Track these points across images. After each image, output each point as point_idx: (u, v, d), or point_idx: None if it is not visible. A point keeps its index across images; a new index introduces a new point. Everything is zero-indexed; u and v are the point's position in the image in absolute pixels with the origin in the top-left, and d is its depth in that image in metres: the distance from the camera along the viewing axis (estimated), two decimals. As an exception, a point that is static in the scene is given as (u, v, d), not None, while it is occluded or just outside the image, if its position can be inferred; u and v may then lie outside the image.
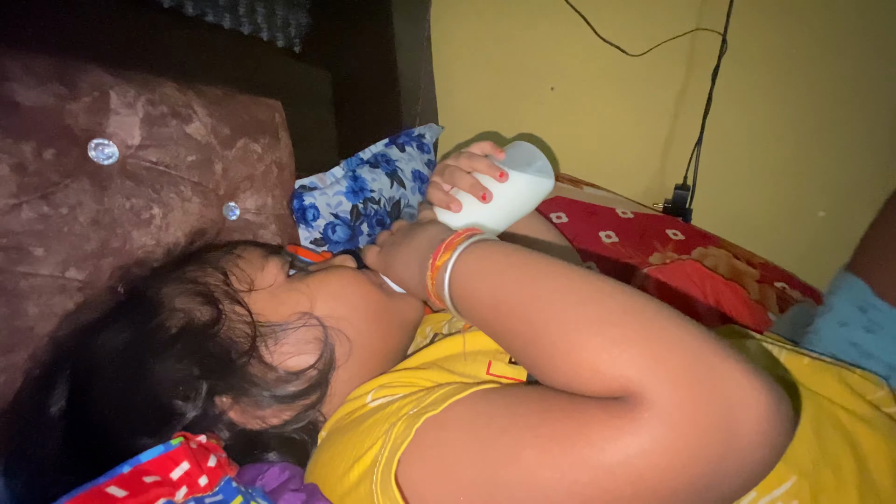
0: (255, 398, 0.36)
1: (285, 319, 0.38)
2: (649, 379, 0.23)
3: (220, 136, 0.54)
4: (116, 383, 0.34)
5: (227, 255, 0.42)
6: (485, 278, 0.32)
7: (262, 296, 0.39)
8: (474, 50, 1.06)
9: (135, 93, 0.47)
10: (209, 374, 0.35)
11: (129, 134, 0.46)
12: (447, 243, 0.35)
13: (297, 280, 0.42)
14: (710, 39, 0.93)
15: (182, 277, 0.39)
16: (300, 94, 0.85)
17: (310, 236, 0.72)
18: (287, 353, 0.37)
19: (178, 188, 0.49)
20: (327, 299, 0.40)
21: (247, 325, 0.37)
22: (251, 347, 0.36)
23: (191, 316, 0.37)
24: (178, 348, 0.35)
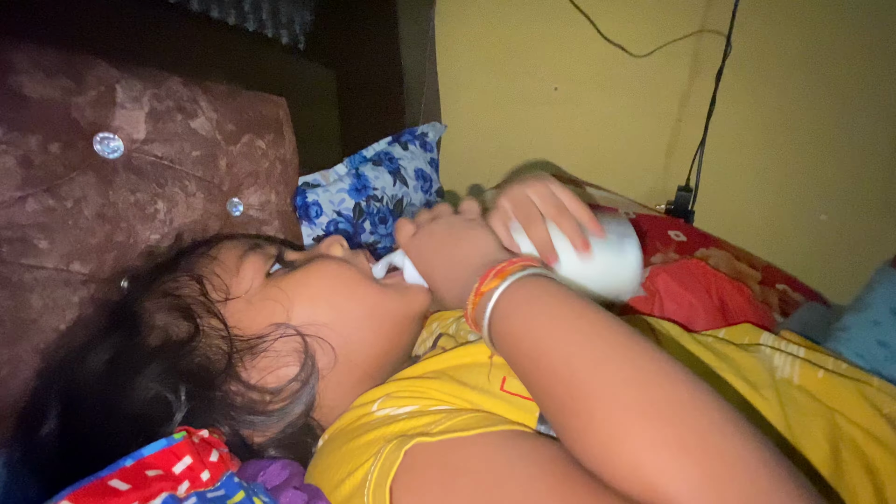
0: (234, 420, 0.34)
1: (262, 331, 0.36)
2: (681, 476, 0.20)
3: (224, 131, 0.54)
4: (98, 404, 0.33)
5: (202, 258, 0.40)
6: (531, 322, 0.28)
7: (238, 304, 0.37)
8: (478, 49, 1.06)
9: (141, 87, 0.47)
10: (186, 396, 0.33)
11: (135, 128, 0.46)
12: (498, 270, 0.31)
13: (275, 281, 0.39)
14: (715, 41, 0.93)
15: (160, 289, 0.38)
16: (304, 91, 0.85)
17: (312, 233, 0.72)
18: (266, 369, 0.35)
19: (183, 183, 0.49)
20: (306, 304, 0.37)
21: (223, 341, 0.35)
22: (227, 366, 0.34)
23: (168, 333, 0.36)
24: (152, 367, 0.33)
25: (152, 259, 0.44)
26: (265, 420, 0.35)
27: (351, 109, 0.94)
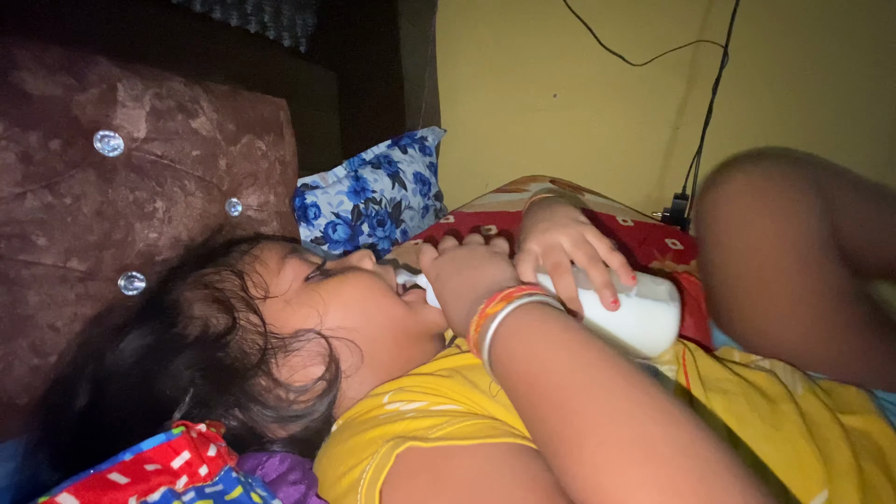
0: (260, 415, 0.35)
1: (295, 331, 0.38)
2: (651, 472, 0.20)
3: (225, 131, 0.54)
4: (130, 388, 0.34)
5: (245, 255, 0.41)
6: (531, 345, 0.28)
7: (276, 304, 0.39)
8: (478, 55, 1.07)
9: (142, 86, 0.47)
10: (217, 387, 0.34)
11: (136, 127, 0.47)
12: (505, 294, 0.31)
13: (312, 286, 0.40)
14: (712, 51, 0.94)
15: (201, 281, 0.39)
16: (305, 93, 0.85)
17: (310, 234, 0.72)
18: (295, 367, 0.37)
19: (182, 182, 0.49)
20: (339, 309, 0.39)
21: (259, 336, 0.37)
22: (260, 360, 0.36)
23: (207, 324, 0.37)
24: (190, 356, 0.35)
25: (189, 252, 0.45)
26: (289, 416, 0.36)
27: (351, 112, 0.94)
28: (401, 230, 0.85)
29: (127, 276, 0.46)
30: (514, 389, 0.28)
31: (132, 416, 0.33)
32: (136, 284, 0.46)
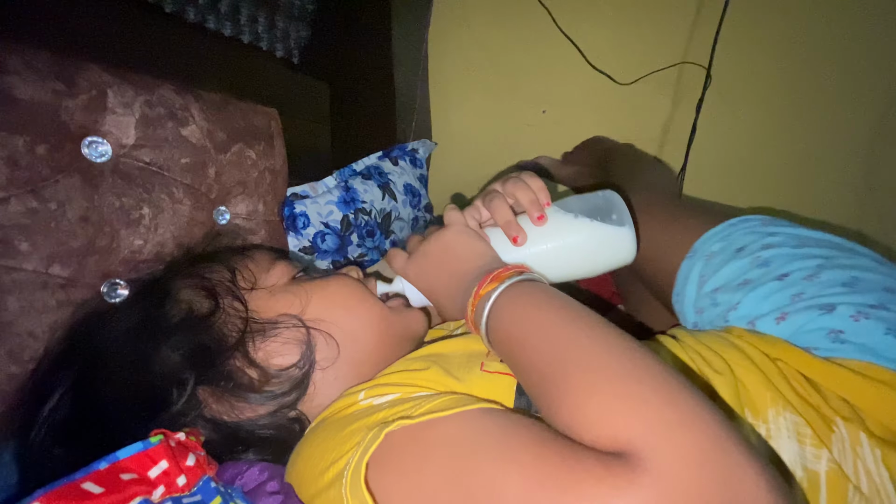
0: (234, 390, 0.37)
1: (276, 318, 0.40)
2: (661, 444, 0.22)
3: (215, 140, 0.54)
4: (117, 365, 0.36)
5: (238, 255, 0.44)
6: (522, 313, 0.32)
7: (261, 294, 0.41)
8: (469, 70, 1.09)
9: (133, 93, 0.47)
10: (196, 363, 0.36)
11: (125, 133, 0.46)
12: (495, 275, 0.35)
13: (298, 283, 0.43)
14: (696, 72, 0.97)
15: (192, 272, 0.42)
16: (297, 104, 0.86)
17: (299, 244, 0.72)
18: (272, 352, 0.39)
19: (170, 190, 0.49)
20: (321, 302, 0.42)
21: (240, 321, 0.39)
22: (239, 341, 0.38)
23: (191, 307, 0.39)
24: (174, 336, 0.37)
25: (188, 253, 0.47)
26: (260, 398, 0.37)
27: (342, 124, 0.95)
28: (390, 241, 0.85)
29: (110, 283, 0.45)
30: (508, 351, 0.33)
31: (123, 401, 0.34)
32: (119, 292, 0.46)
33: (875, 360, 0.36)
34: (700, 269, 0.49)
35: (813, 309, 0.40)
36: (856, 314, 0.38)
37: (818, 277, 0.42)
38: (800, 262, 0.44)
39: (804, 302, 0.41)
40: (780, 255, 0.45)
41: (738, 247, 0.48)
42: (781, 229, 0.49)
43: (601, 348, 0.28)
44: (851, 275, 0.41)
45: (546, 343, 0.30)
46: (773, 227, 0.49)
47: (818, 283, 0.41)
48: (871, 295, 0.39)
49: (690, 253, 0.51)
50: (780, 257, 0.45)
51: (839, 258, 0.43)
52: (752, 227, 0.50)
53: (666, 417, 0.23)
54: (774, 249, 0.46)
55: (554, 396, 0.27)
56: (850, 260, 0.43)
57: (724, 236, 0.50)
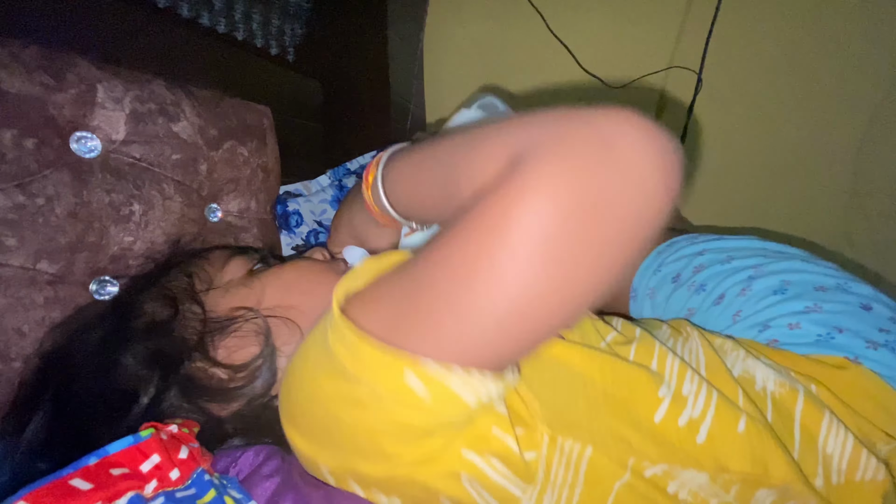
0: (202, 393, 0.37)
1: (232, 313, 0.40)
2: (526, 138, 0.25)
3: (207, 136, 0.53)
4: (87, 377, 0.36)
5: (195, 258, 0.44)
6: (406, 165, 0.36)
7: (217, 293, 0.41)
8: (464, 70, 1.09)
9: (123, 88, 0.46)
10: (161, 371, 0.36)
11: (115, 128, 0.46)
12: (372, 163, 0.40)
13: (255, 275, 0.43)
14: (687, 77, 0.98)
15: (155, 283, 0.42)
16: (291, 102, 0.85)
17: (292, 242, 0.71)
18: (233, 347, 0.39)
19: (161, 186, 0.49)
20: (278, 289, 0.42)
21: (199, 322, 0.38)
22: (198, 343, 0.38)
23: (153, 316, 0.39)
24: (137, 346, 0.37)
25: (150, 262, 0.47)
26: (228, 395, 0.37)
27: (337, 123, 0.95)
28: (383, 241, 0.85)
29: (99, 281, 0.45)
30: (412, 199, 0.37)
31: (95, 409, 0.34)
32: (109, 289, 0.45)
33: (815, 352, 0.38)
34: (649, 310, 0.51)
35: (752, 328, 0.42)
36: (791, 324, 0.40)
37: (751, 290, 0.44)
38: (732, 277, 0.46)
39: (743, 322, 0.43)
40: (712, 275, 0.47)
41: (672, 276, 0.50)
42: (708, 245, 0.50)
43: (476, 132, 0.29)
44: (781, 279, 0.43)
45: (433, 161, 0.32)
46: (700, 245, 0.51)
47: (752, 297, 0.43)
48: (802, 299, 0.41)
49: (633, 294, 0.53)
50: (713, 277, 0.47)
51: (768, 265, 0.45)
52: (679, 249, 0.52)
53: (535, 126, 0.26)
54: (706, 270, 0.48)
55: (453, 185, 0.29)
56: (778, 264, 0.45)
57: (657, 268, 0.52)
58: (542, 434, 0.30)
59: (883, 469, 0.32)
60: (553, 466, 0.30)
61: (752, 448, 0.31)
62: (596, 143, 0.23)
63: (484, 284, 0.23)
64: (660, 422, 0.32)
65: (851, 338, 0.38)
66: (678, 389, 0.33)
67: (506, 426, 0.29)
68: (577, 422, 0.31)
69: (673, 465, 0.30)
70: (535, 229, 0.23)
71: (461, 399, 0.25)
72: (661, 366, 0.35)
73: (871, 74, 0.95)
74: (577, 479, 0.30)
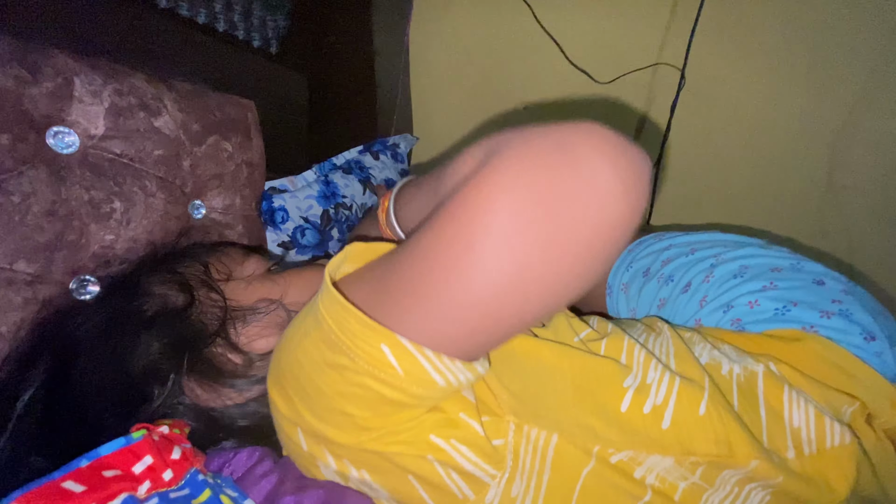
0: (218, 377, 0.37)
1: (256, 301, 0.40)
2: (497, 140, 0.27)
3: (189, 131, 0.52)
4: (92, 360, 0.35)
5: (210, 250, 0.44)
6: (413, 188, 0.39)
7: (238, 284, 0.42)
8: (451, 64, 1.09)
9: (101, 81, 0.45)
10: (178, 355, 0.36)
11: (93, 123, 0.45)
12: (385, 196, 0.43)
13: (275, 273, 0.44)
14: (671, 73, 1.00)
15: (164, 268, 0.41)
16: (275, 96, 0.84)
17: (277, 238, 0.70)
18: (254, 336, 0.39)
19: (143, 182, 0.48)
20: (300, 287, 0.42)
21: (219, 309, 0.39)
22: (220, 328, 0.38)
23: (166, 300, 0.38)
24: (151, 330, 0.36)
25: (156, 250, 0.46)
26: (245, 383, 0.37)
27: (322, 117, 0.93)
28: (370, 236, 0.85)
29: (80, 280, 0.44)
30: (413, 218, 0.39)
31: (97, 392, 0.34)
32: (90, 288, 0.44)
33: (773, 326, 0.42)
34: (625, 303, 0.54)
35: (718, 310, 0.45)
36: (750, 302, 0.44)
37: (713, 276, 0.47)
38: (695, 267, 0.49)
39: (709, 305, 0.46)
40: (678, 266, 0.51)
41: (643, 270, 0.53)
42: (673, 240, 0.54)
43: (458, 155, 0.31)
44: (740, 264, 0.47)
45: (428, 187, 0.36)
46: (666, 241, 0.54)
47: (715, 282, 0.47)
48: (759, 280, 0.45)
49: (608, 290, 0.56)
50: (679, 269, 0.50)
51: (727, 252, 0.49)
52: (647, 245, 0.55)
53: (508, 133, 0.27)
54: (672, 263, 0.51)
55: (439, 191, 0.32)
56: (736, 252, 0.49)
57: (629, 264, 0.55)
58: (509, 422, 0.31)
59: (848, 431, 0.34)
60: (521, 454, 0.31)
61: (714, 429, 0.32)
62: (557, 146, 0.25)
63: (447, 278, 0.25)
64: (626, 410, 0.33)
65: (806, 309, 0.41)
66: (643, 379, 0.35)
67: (472, 413, 0.30)
68: (544, 411, 0.32)
69: (638, 452, 0.32)
70: (493, 222, 0.24)
71: (432, 378, 0.27)
72: (630, 357, 0.36)
73: (849, 71, 0.98)
74: (545, 466, 0.31)
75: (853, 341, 0.39)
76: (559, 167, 0.24)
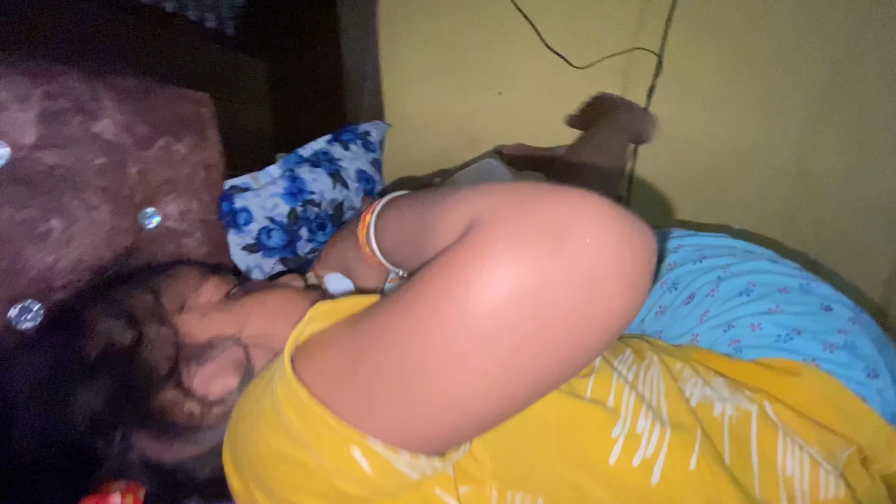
0: (173, 428, 0.34)
1: (210, 339, 0.37)
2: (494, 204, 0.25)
3: (135, 134, 0.48)
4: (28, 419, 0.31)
5: (159, 274, 0.40)
6: (394, 214, 0.37)
7: (192, 316, 0.38)
8: (423, 46, 1.03)
9: (29, 84, 0.40)
10: (125, 405, 0.32)
11: (21, 132, 0.40)
12: (370, 207, 0.40)
13: (234, 299, 0.40)
14: (648, 59, 0.98)
15: (108, 299, 0.37)
16: (232, 83, 0.78)
17: (241, 241, 0.67)
18: (208, 378, 0.36)
19: (83, 196, 0.43)
20: (260, 317, 0.39)
21: (170, 348, 0.35)
22: (171, 371, 0.34)
23: (111, 340, 0.34)
24: (94, 377, 0.33)
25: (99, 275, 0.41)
26: (203, 432, 0.34)
27: (285, 104, 0.88)
28: (342, 233, 0.82)
29: (20, 307, 0.40)
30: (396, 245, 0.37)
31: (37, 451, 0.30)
32: (31, 316, 0.40)
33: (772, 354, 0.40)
34: None
35: (718, 328, 0.44)
36: (753, 324, 0.42)
37: (718, 291, 0.46)
38: (702, 277, 0.48)
39: (710, 321, 0.45)
40: (684, 273, 0.49)
41: None
42: (683, 241, 0.52)
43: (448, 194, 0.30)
44: (748, 281, 0.46)
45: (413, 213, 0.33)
46: (675, 241, 0.52)
47: (719, 298, 0.46)
48: (765, 301, 0.43)
49: None
50: (685, 276, 0.49)
51: (737, 265, 0.47)
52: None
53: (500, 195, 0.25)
54: (679, 269, 0.50)
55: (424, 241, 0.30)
56: (746, 265, 0.47)
57: None
58: (491, 489, 0.30)
59: (843, 485, 0.33)
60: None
61: (704, 486, 0.31)
62: (551, 230, 0.22)
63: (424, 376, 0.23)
64: (614, 464, 0.32)
65: (809, 339, 0.40)
66: (632, 428, 0.33)
67: (449, 487, 0.29)
68: (529, 473, 0.31)
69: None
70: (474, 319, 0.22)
71: (405, 475, 0.25)
72: (618, 400, 0.35)
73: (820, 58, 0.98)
74: None
75: (855, 377, 0.38)
76: (552, 259, 0.21)
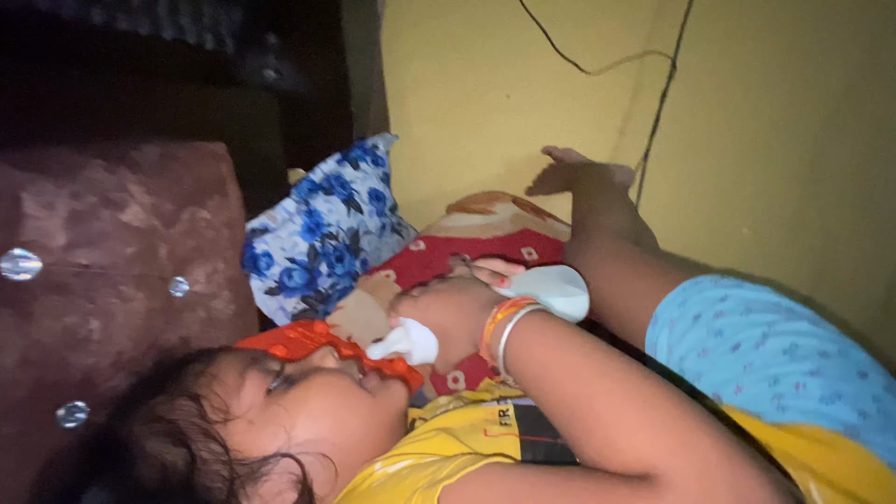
0: None
1: (263, 454, 0.36)
2: (680, 464, 0.25)
3: (162, 214, 0.46)
4: None
5: (200, 376, 0.39)
6: (540, 343, 0.35)
7: (239, 426, 0.37)
8: (429, 53, 0.99)
9: (53, 187, 0.38)
10: None
11: (50, 238, 0.38)
12: (511, 303, 0.38)
13: (276, 399, 0.39)
14: (661, 63, 0.95)
15: (151, 413, 0.36)
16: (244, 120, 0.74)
17: (264, 286, 0.66)
18: (267, 496, 0.35)
19: (118, 289, 0.42)
20: (307, 421, 0.38)
21: (223, 466, 0.34)
22: (229, 494, 0.34)
23: (163, 463, 0.33)
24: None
25: (136, 377, 0.40)
26: None
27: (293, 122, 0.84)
28: (360, 260, 0.81)
29: (67, 408, 0.40)
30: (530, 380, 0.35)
31: None
32: (78, 415, 0.40)
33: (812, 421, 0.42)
34: (667, 338, 0.53)
35: (763, 381, 0.46)
36: (797, 384, 0.44)
37: (763, 346, 0.47)
38: (748, 331, 0.49)
39: (754, 374, 0.46)
40: (730, 323, 0.50)
41: (694, 314, 0.52)
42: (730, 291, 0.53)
43: (619, 381, 0.30)
44: (791, 341, 0.47)
45: (569, 378, 0.32)
46: (722, 290, 0.53)
47: (764, 353, 0.47)
48: (808, 362, 0.45)
49: (653, 320, 0.55)
50: (731, 326, 0.50)
51: (780, 323, 0.49)
52: (702, 290, 0.54)
53: (683, 440, 0.26)
54: (725, 318, 0.50)
55: (582, 430, 0.30)
56: (789, 324, 0.48)
57: (681, 303, 0.54)
58: None
59: None
60: None
61: None
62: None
63: None
64: None
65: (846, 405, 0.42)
66: None
67: None
68: None
69: None
70: None
71: None
72: None
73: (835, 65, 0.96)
74: None
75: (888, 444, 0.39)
76: None
